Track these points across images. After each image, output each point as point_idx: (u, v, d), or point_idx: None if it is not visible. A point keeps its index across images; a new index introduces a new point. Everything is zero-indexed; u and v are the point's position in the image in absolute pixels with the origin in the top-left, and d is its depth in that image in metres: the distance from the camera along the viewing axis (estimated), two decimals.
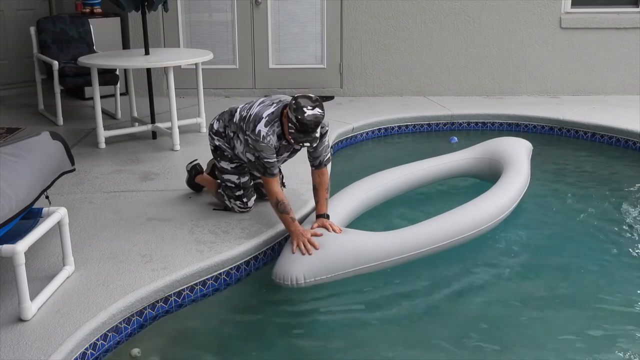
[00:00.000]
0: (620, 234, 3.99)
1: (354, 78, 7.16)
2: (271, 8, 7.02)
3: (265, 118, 3.42)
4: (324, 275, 3.25)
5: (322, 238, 3.36)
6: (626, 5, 6.99)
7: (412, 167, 4.43)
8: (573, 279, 3.53)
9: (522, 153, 4.52)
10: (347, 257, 3.31)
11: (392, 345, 2.98)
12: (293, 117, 3.23)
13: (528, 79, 7.14)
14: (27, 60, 6.95)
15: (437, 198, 4.55)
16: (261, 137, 3.38)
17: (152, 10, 5.27)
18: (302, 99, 3.27)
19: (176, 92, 5.26)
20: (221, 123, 3.77)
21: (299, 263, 3.25)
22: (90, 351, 2.70)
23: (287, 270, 3.25)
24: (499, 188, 4.07)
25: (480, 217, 3.74)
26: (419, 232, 3.54)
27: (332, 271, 3.28)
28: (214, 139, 3.80)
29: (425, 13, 6.97)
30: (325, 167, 3.58)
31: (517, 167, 4.31)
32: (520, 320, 3.16)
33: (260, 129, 3.39)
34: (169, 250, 3.39)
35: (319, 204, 3.58)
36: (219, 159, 3.81)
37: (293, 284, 3.22)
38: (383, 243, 3.43)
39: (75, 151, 5.01)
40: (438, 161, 4.55)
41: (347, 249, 3.34)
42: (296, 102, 3.26)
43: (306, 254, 3.26)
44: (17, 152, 2.89)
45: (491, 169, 4.47)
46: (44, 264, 3.22)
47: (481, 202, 3.86)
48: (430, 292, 3.41)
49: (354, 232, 3.51)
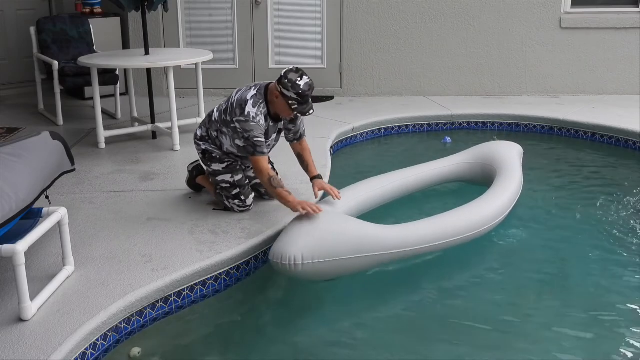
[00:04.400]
0: (620, 234, 3.99)
1: (354, 78, 7.16)
2: (271, 8, 7.02)
3: (250, 100, 3.55)
4: (322, 258, 3.14)
5: (323, 221, 3.30)
6: (626, 5, 6.99)
7: (403, 173, 4.35)
8: (573, 279, 3.54)
9: (515, 157, 4.48)
10: (347, 242, 3.23)
11: (392, 345, 2.98)
12: (293, 93, 3.41)
13: (528, 79, 7.13)
14: (27, 60, 6.95)
15: (432, 200, 4.51)
16: (251, 117, 3.51)
17: (152, 10, 5.27)
18: (290, 73, 3.44)
19: (176, 92, 5.26)
20: (203, 128, 3.89)
21: (298, 243, 3.15)
22: (90, 351, 2.70)
23: (285, 250, 3.14)
24: (497, 189, 4.05)
25: (479, 219, 3.72)
26: (420, 228, 3.53)
27: (331, 255, 3.17)
28: (200, 145, 3.88)
29: (425, 13, 6.98)
30: (305, 136, 3.85)
31: (510, 170, 4.27)
32: (521, 321, 3.16)
33: (249, 110, 3.52)
34: (169, 250, 3.39)
35: (309, 167, 3.81)
36: (209, 162, 3.85)
37: (291, 264, 3.10)
38: (384, 234, 3.38)
39: (75, 151, 5.01)
40: (430, 167, 4.47)
41: (347, 234, 3.27)
42: (288, 79, 3.42)
43: (306, 234, 3.19)
44: (17, 152, 2.88)
45: (484, 173, 4.42)
46: (44, 264, 3.22)
47: (480, 204, 3.84)
48: (430, 292, 3.41)
49: (356, 220, 3.48)
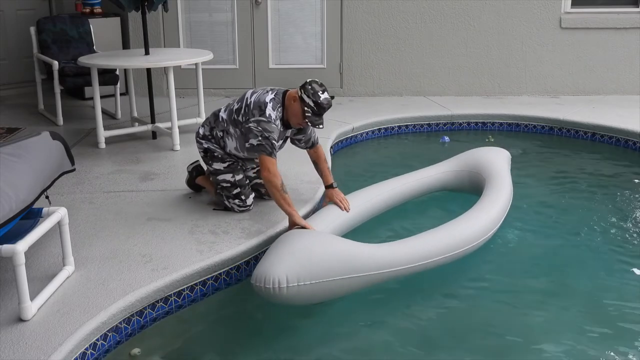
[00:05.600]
0: (621, 235, 3.99)
1: (354, 78, 7.16)
2: (271, 8, 7.02)
3: (270, 103, 3.56)
4: (308, 280, 2.92)
5: (310, 242, 3.11)
6: (626, 5, 6.99)
7: (389, 185, 4.15)
8: (573, 279, 3.54)
9: (503, 163, 4.35)
10: (334, 262, 3.02)
11: (392, 345, 2.98)
12: (311, 101, 3.45)
13: (528, 79, 7.13)
14: (27, 60, 6.95)
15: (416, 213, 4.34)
16: (272, 119, 3.53)
17: (152, 10, 5.27)
18: (314, 83, 3.49)
19: (176, 92, 5.25)
20: (206, 127, 3.87)
21: (282, 264, 2.92)
22: (90, 351, 2.70)
23: (268, 272, 2.91)
24: (487, 201, 3.86)
25: (468, 235, 3.54)
26: (410, 246, 3.35)
27: (318, 277, 2.95)
28: (202, 143, 3.87)
29: (425, 13, 6.98)
30: (318, 143, 3.89)
31: (500, 178, 4.11)
32: (521, 323, 3.16)
33: (269, 112, 3.53)
34: (169, 250, 3.39)
35: (324, 176, 3.90)
36: (210, 161, 3.85)
37: (275, 287, 2.86)
38: (372, 253, 3.20)
39: (75, 151, 5.00)
40: (416, 176, 4.30)
41: (334, 254, 3.07)
42: (312, 87, 3.47)
43: (290, 254, 3.00)
44: (17, 152, 2.88)
45: (471, 181, 4.27)
46: (44, 264, 3.21)
47: (470, 218, 3.67)
48: (429, 293, 3.41)
49: (343, 239, 3.27)
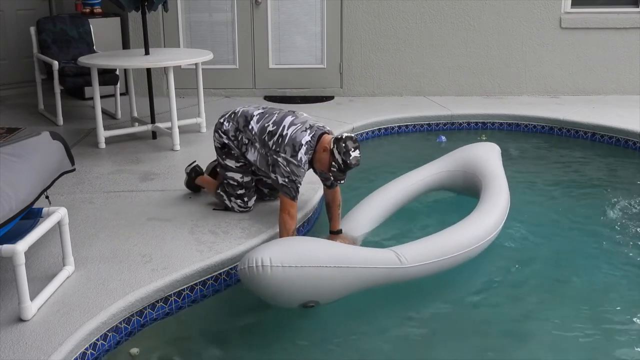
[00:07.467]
0: (622, 235, 3.99)
1: (354, 78, 7.16)
2: (271, 8, 7.02)
3: (305, 146, 3.44)
4: (293, 263, 2.94)
5: (297, 237, 3.42)
6: (626, 5, 6.99)
7: (385, 192, 4.10)
8: (573, 280, 3.54)
9: (496, 160, 4.30)
10: (319, 252, 3.07)
11: (391, 348, 2.98)
12: (340, 159, 3.33)
13: (528, 79, 7.13)
14: (27, 60, 6.95)
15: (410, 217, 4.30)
16: (302, 163, 3.44)
17: (152, 10, 5.27)
18: (349, 141, 3.35)
19: (176, 92, 5.25)
20: (232, 125, 3.73)
21: (266, 249, 3.01)
22: (90, 351, 2.70)
23: (251, 254, 2.98)
24: (485, 207, 3.78)
25: (470, 240, 3.49)
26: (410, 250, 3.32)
27: (302, 261, 2.97)
28: (222, 137, 3.76)
29: (425, 13, 6.97)
30: (338, 186, 3.70)
31: (496, 179, 4.05)
32: (522, 324, 3.16)
33: (302, 156, 3.43)
34: (169, 250, 3.39)
35: (332, 221, 3.73)
36: (224, 156, 3.79)
37: (258, 265, 2.91)
38: (360, 250, 3.28)
39: (75, 151, 5.00)
40: (411, 180, 4.23)
41: (319, 244, 3.16)
42: (345, 145, 3.34)
43: (273, 244, 3.10)
44: (17, 152, 2.89)
45: (465, 181, 4.22)
46: (44, 264, 3.22)
47: (470, 224, 3.61)
48: (429, 294, 3.41)
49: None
